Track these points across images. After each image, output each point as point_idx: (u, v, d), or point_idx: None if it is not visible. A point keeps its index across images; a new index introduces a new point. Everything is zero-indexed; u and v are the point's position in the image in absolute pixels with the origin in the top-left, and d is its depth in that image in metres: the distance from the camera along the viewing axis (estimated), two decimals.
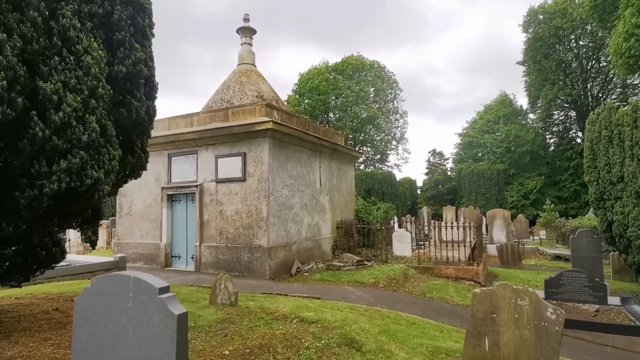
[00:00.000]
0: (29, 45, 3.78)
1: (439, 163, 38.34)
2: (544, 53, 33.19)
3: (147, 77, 5.36)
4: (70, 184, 3.91)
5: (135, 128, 5.31)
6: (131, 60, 4.71)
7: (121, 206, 13.03)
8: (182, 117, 12.21)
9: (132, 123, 5.06)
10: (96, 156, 4.18)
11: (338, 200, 14.38)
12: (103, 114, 4.27)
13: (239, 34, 14.52)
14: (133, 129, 5.29)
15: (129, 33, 4.70)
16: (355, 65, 41.99)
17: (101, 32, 4.40)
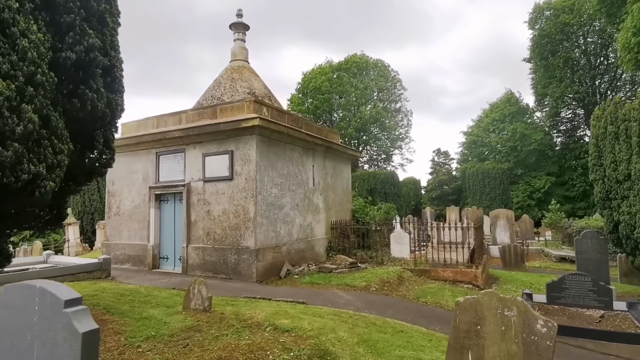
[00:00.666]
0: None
1: (444, 163, 37.70)
2: (550, 50, 32.43)
3: (107, 67, 4.99)
4: (2, 179, 3.54)
5: (94, 122, 4.94)
6: (82, 47, 4.34)
7: (110, 206, 12.73)
8: (170, 115, 11.87)
9: (89, 116, 4.69)
10: (35, 149, 3.81)
11: (333, 200, 13.95)
12: (45, 104, 3.89)
13: (232, 29, 14.15)
14: (92, 123, 4.92)
15: (80, 17, 4.33)
16: (359, 63, 41.53)
17: (44, 14, 4.02)
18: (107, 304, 6.34)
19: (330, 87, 39.99)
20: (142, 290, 8.15)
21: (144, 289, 8.26)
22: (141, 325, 5.14)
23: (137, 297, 7.23)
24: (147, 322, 5.26)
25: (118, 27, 5.76)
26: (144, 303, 6.78)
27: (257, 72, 14.24)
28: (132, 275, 10.59)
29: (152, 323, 5.24)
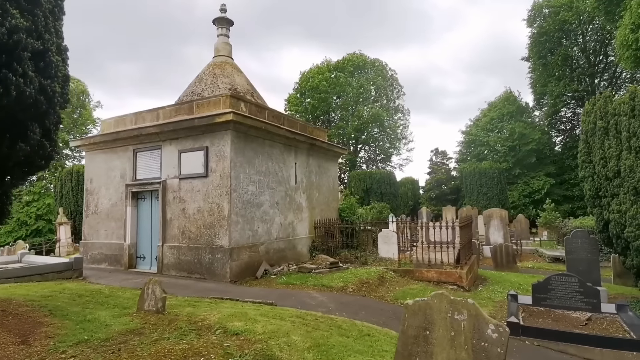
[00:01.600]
0: None
1: (442, 162, 37.25)
2: (549, 48, 31.97)
3: (40, 51, 4.67)
4: None
5: (24, 109, 4.61)
6: (4, 29, 4.02)
7: (88, 204, 12.43)
8: (148, 111, 11.56)
9: (16, 103, 4.36)
10: None
11: (318, 199, 13.58)
12: None
13: (215, 24, 13.85)
14: (22, 111, 4.59)
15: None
16: (356, 62, 41.19)
17: None
18: (57, 305, 6.02)
19: (328, 86, 39.65)
20: (106, 290, 7.82)
21: (108, 290, 7.93)
22: (79, 328, 4.80)
23: (95, 298, 6.91)
24: (87, 325, 4.92)
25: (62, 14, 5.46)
26: (100, 304, 6.45)
27: (240, 68, 13.92)
28: (105, 275, 10.27)
29: (92, 326, 4.90)
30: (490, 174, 29.39)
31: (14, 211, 29.33)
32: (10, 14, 4.09)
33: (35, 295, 6.62)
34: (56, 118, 5.26)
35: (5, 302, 5.86)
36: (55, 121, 5.25)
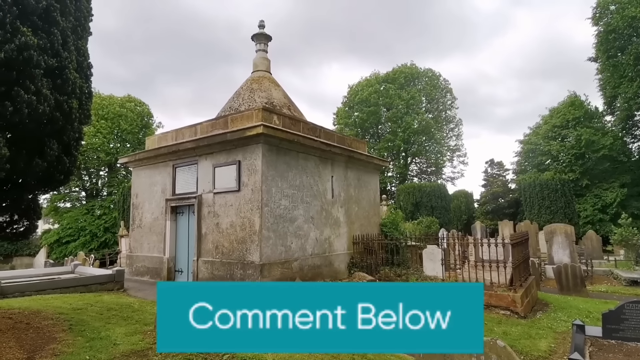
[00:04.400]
0: None
1: (498, 174, 34.90)
2: (619, 47, 29.00)
3: (56, 68, 4.76)
4: None
5: (41, 126, 4.70)
6: (14, 45, 4.11)
7: (133, 218, 12.93)
8: (187, 127, 11.86)
9: (30, 120, 4.45)
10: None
11: (357, 213, 13.04)
12: None
13: (254, 40, 14.05)
14: (38, 127, 4.69)
15: (12, 14, 4.12)
16: (407, 74, 40.38)
17: None
18: (82, 319, 6.07)
19: (378, 98, 39.16)
20: (136, 304, 7.87)
21: (138, 304, 7.98)
22: (87, 347, 4.72)
23: (122, 313, 6.93)
24: (96, 344, 4.83)
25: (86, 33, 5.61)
26: (123, 319, 6.44)
27: (278, 82, 13.93)
28: (144, 288, 10.48)
29: (100, 344, 4.80)
30: (553, 185, 26.90)
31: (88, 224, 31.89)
32: (21, 31, 4.18)
33: (67, 308, 6.78)
34: (76, 134, 5.34)
35: (34, 314, 6.01)
36: (75, 137, 5.33)
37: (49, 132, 4.83)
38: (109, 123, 33.21)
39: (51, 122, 4.74)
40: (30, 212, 5.45)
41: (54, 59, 4.70)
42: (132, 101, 36.56)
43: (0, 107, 4.14)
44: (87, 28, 5.62)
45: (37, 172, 4.83)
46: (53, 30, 4.70)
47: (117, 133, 34.90)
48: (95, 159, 33.05)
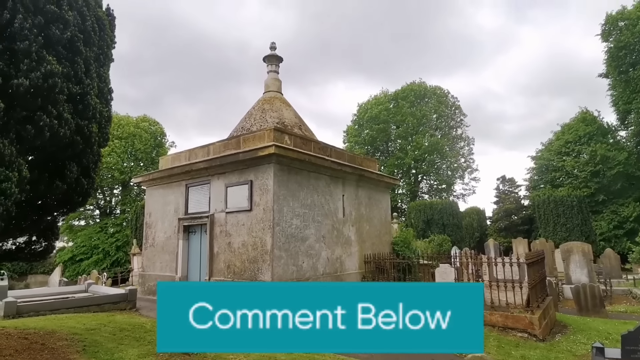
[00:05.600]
0: None
1: (510, 191, 34.47)
2: (630, 62, 28.88)
3: (78, 94, 4.94)
4: None
5: (62, 149, 4.86)
6: (40, 73, 4.29)
7: (146, 237, 13.06)
8: (200, 147, 12.07)
9: (51, 143, 4.60)
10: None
11: (368, 232, 12.98)
12: None
13: (265, 62, 14.37)
14: (58, 151, 4.84)
15: (37, 44, 4.32)
16: (416, 91, 40.65)
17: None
18: (95, 340, 6.10)
19: (387, 116, 39.40)
20: (149, 325, 7.89)
21: (151, 324, 8.00)
22: None
23: (135, 333, 6.95)
24: None
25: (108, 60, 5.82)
26: (136, 340, 6.46)
27: (289, 102, 14.16)
28: (156, 308, 10.49)
29: None
30: (568, 202, 26.45)
31: (101, 242, 32.28)
32: (47, 60, 4.37)
33: (81, 328, 6.82)
34: (95, 156, 5.49)
35: (49, 335, 6.07)
36: (94, 159, 5.48)
37: (69, 155, 4.98)
38: (123, 142, 33.92)
39: (72, 146, 4.89)
40: (49, 232, 5.57)
41: (77, 85, 4.89)
42: (147, 121, 37.36)
43: (23, 130, 4.30)
44: (110, 55, 5.84)
45: (57, 194, 4.96)
46: (76, 59, 4.90)
47: (131, 152, 35.57)
48: (110, 177, 33.65)
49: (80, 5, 5.09)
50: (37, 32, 4.32)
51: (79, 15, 5.06)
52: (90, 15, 5.28)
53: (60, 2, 4.68)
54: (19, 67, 4.22)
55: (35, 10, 4.31)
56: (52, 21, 4.50)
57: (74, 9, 4.94)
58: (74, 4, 4.96)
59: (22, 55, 4.22)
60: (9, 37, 4.21)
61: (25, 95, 4.24)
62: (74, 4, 4.97)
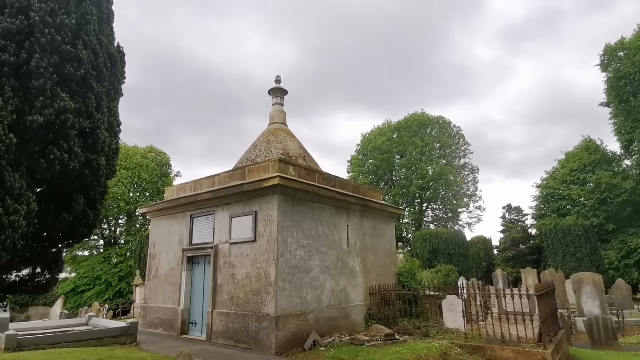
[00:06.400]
0: None
1: (516, 219, 34.14)
2: (631, 91, 29.26)
3: (89, 128, 5.09)
4: None
5: (70, 182, 4.95)
6: (53, 110, 4.45)
7: (150, 268, 12.98)
8: (205, 178, 12.19)
9: (61, 176, 4.70)
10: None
11: (373, 263, 12.83)
12: (0, 164, 3.93)
13: (270, 94, 14.73)
14: (67, 184, 4.93)
15: (52, 81, 4.50)
16: (419, 122, 41.19)
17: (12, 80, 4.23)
18: None
19: (391, 146, 39.77)
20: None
21: (150, 359, 7.83)
22: None
23: None
24: None
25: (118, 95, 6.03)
26: None
27: (293, 133, 14.39)
28: (157, 341, 10.29)
29: None
30: (576, 231, 26.10)
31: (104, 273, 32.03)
32: (60, 96, 4.54)
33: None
34: (102, 188, 5.58)
35: None
36: (100, 191, 5.56)
37: (77, 188, 5.07)
38: (129, 173, 34.30)
39: (80, 178, 4.99)
40: (53, 264, 5.59)
41: (88, 120, 5.04)
42: (154, 151, 37.90)
43: (34, 164, 4.41)
44: (119, 90, 6.05)
45: (63, 226, 5.01)
46: (88, 95, 5.08)
47: (137, 182, 35.90)
48: (115, 207, 33.79)
49: (94, 44, 5.33)
50: (52, 70, 4.51)
51: (92, 53, 5.29)
52: (102, 52, 5.52)
53: (75, 42, 4.91)
54: (33, 104, 4.38)
55: (52, 49, 4.52)
56: (67, 60, 4.70)
57: (88, 48, 5.17)
58: (88, 42, 5.20)
59: (37, 92, 4.39)
60: (24, 74, 4.39)
61: (38, 130, 4.38)
62: (89, 42, 5.21)
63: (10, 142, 4.02)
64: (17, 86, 4.29)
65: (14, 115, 4.13)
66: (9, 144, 4.01)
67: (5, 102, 4.02)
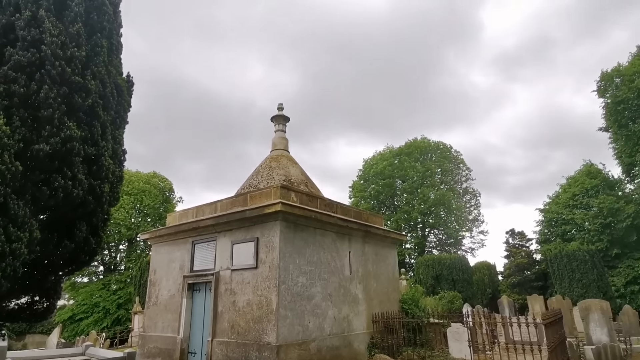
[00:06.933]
0: None
1: (521, 244, 33.82)
2: (629, 116, 29.59)
3: (94, 155, 5.17)
4: None
5: (73, 209, 4.98)
6: (59, 138, 4.54)
7: (150, 296, 12.81)
8: (207, 204, 12.21)
9: (64, 204, 4.74)
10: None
11: (376, 290, 12.64)
12: (5, 192, 3.97)
13: (273, 121, 14.95)
14: (71, 211, 4.96)
15: (60, 111, 4.61)
16: (420, 147, 41.52)
17: (22, 110, 4.33)
18: None
19: (392, 171, 39.93)
20: None
21: None
22: None
23: None
24: None
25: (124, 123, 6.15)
26: None
27: (295, 160, 14.50)
28: None
29: None
30: (581, 256, 25.78)
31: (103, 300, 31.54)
32: (67, 125, 4.63)
33: None
34: (105, 215, 5.60)
35: None
36: (103, 218, 5.59)
37: (80, 215, 5.09)
38: (132, 198, 34.36)
39: (83, 205, 5.03)
40: (52, 292, 5.55)
41: (93, 147, 5.13)
42: (157, 177, 38.09)
43: (38, 192, 4.45)
44: (125, 118, 6.19)
45: (65, 253, 5.01)
46: (95, 123, 5.19)
47: (140, 208, 35.90)
48: (117, 233, 33.68)
49: (103, 74, 5.49)
50: (61, 100, 4.63)
51: (101, 83, 5.44)
52: (110, 82, 5.67)
53: (84, 72, 5.06)
54: (40, 133, 4.47)
55: (62, 81, 4.66)
56: (76, 90, 4.84)
57: (96, 78, 5.32)
58: (97, 73, 5.36)
59: (45, 122, 4.50)
60: (33, 104, 4.51)
61: (45, 159, 4.45)
62: (97, 73, 5.37)
63: (16, 170, 4.08)
64: (25, 116, 4.40)
65: (21, 144, 4.22)
66: (14, 172, 4.07)
67: (13, 132, 4.11)
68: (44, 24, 4.41)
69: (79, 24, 4.81)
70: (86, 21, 5.06)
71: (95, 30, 5.20)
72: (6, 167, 3.98)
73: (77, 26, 4.76)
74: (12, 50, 4.45)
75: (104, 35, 5.37)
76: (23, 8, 4.38)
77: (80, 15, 4.87)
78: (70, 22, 4.72)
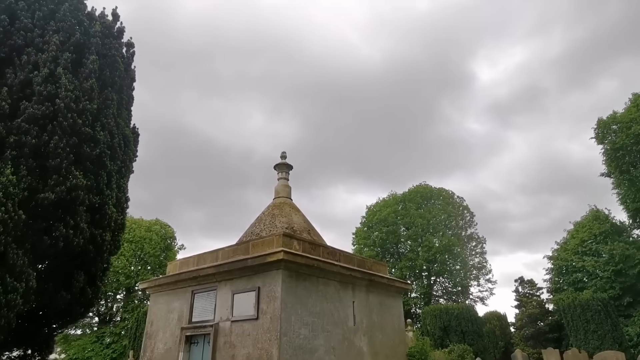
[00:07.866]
0: None
1: (531, 293, 32.70)
2: (630, 162, 29.82)
3: (97, 204, 5.20)
4: None
5: (73, 259, 4.93)
6: (65, 187, 4.60)
7: (145, 349, 12.26)
8: (209, 252, 12.05)
9: (64, 253, 4.70)
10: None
11: (381, 342, 12.09)
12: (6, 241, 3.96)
13: (276, 169, 15.12)
14: (70, 260, 4.91)
15: (68, 161, 4.71)
16: (423, 194, 41.55)
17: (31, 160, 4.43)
18: None
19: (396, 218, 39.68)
20: None
21: None
22: None
23: None
24: None
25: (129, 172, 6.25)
26: None
27: (298, 207, 14.50)
28: None
29: None
30: (595, 306, 24.80)
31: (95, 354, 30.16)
32: (73, 174, 4.72)
33: None
34: (104, 264, 5.53)
35: None
36: (102, 267, 5.52)
37: (79, 264, 5.03)
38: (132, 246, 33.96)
39: (83, 254, 4.99)
40: (44, 346, 5.37)
41: (97, 196, 5.19)
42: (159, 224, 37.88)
43: (39, 241, 4.44)
44: (130, 167, 6.31)
45: (61, 304, 4.90)
46: (101, 172, 5.30)
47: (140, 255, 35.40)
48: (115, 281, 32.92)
49: (112, 126, 5.68)
50: (70, 150, 4.76)
51: (109, 134, 5.61)
52: (118, 133, 5.85)
53: (94, 124, 5.24)
54: (46, 182, 4.55)
55: (72, 132, 4.82)
56: (85, 141, 4.99)
57: (105, 129, 5.50)
58: (106, 124, 5.55)
59: (52, 171, 4.60)
60: (43, 154, 4.62)
61: (49, 207, 4.48)
62: (107, 125, 5.56)
63: (18, 219, 4.11)
64: (33, 165, 4.50)
65: (26, 192, 4.28)
66: (17, 221, 4.09)
67: (19, 180, 4.18)
68: (61, 79, 4.63)
69: (93, 79, 5.06)
70: (99, 77, 5.33)
71: (107, 85, 5.46)
72: (9, 215, 4.01)
73: (91, 82, 5.01)
74: (27, 103, 4.65)
75: (114, 90, 5.63)
76: (42, 66, 4.64)
77: (95, 71, 5.14)
78: (84, 77, 4.98)
